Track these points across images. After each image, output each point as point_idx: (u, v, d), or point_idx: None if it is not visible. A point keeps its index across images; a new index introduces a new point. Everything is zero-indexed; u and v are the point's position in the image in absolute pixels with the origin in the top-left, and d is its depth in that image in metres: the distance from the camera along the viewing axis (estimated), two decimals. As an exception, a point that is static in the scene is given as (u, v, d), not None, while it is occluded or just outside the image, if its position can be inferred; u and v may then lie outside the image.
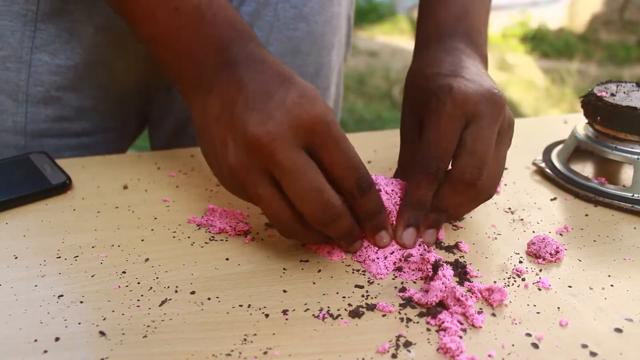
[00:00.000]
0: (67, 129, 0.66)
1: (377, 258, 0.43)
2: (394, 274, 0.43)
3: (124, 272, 0.42)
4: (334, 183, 0.41)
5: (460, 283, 0.41)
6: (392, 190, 0.46)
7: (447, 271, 0.41)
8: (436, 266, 0.41)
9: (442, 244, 0.47)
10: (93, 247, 0.45)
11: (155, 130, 0.77)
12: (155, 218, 0.49)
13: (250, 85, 0.42)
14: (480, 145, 0.44)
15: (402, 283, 0.42)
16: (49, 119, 0.64)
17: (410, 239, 0.45)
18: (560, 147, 0.62)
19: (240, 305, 0.39)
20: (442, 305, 0.39)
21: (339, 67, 0.79)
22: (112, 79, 0.66)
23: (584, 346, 0.36)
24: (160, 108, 0.74)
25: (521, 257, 0.45)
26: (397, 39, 3.78)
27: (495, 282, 0.42)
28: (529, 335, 0.37)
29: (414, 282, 0.42)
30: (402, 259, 0.43)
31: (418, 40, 0.58)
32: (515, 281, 0.42)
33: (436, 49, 0.53)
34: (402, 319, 0.38)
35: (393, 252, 0.44)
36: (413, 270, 0.43)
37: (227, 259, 0.44)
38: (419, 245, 0.45)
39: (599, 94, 0.56)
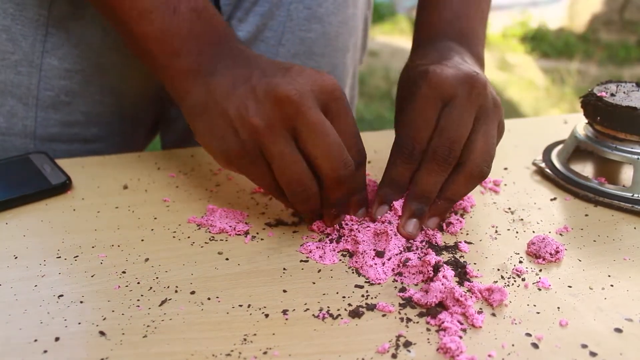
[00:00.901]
0: (77, 134, 0.66)
1: (375, 264, 0.43)
2: (394, 278, 0.42)
3: (124, 272, 0.42)
4: None
5: (460, 283, 0.41)
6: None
7: (448, 272, 0.41)
8: (437, 267, 0.41)
9: (442, 244, 0.46)
10: (93, 247, 0.45)
11: (166, 131, 0.77)
12: (155, 218, 0.49)
13: (261, 63, 0.46)
14: (452, 124, 0.46)
15: (402, 283, 0.42)
16: (58, 124, 0.64)
17: (382, 214, 0.47)
18: (560, 147, 0.62)
19: (240, 305, 0.39)
20: (442, 305, 0.39)
21: (354, 69, 0.78)
22: (121, 84, 0.66)
23: (584, 346, 0.36)
24: (172, 109, 0.74)
25: (521, 257, 0.45)
26: (397, 39, 3.78)
27: (495, 282, 0.42)
28: (529, 335, 0.37)
29: (415, 285, 0.42)
30: (401, 264, 0.43)
31: (413, 43, 0.60)
32: (515, 281, 0.42)
33: (428, 48, 0.55)
34: (402, 319, 0.38)
35: (390, 257, 0.44)
36: (414, 274, 0.42)
37: (227, 259, 0.44)
38: (416, 248, 0.45)
39: (599, 94, 0.56)
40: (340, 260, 0.44)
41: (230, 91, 0.44)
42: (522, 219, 0.51)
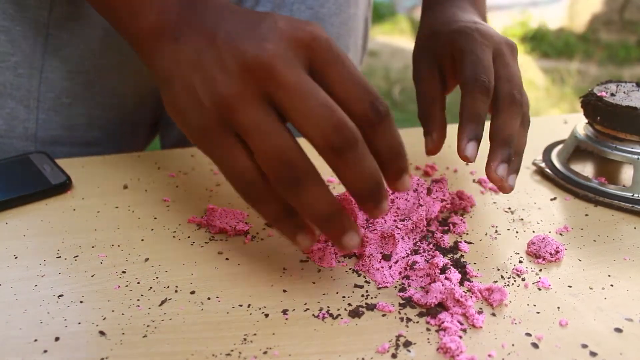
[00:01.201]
0: (78, 137, 0.66)
1: (382, 267, 0.43)
2: (401, 282, 0.42)
3: (124, 272, 0.42)
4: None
5: (460, 283, 0.41)
6: None
7: (454, 275, 0.41)
8: (444, 270, 0.41)
9: (448, 246, 0.46)
10: (93, 247, 0.45)
11: (166, 131, 0.77)
12: (155, 218, 0.50)
13: (226, 24, 0.38)
14: (513, 72, 0.50)
15: (402, 283, 0.42)
16: (59, 126, 0.64)
17: (472, 152, 0.47)
18: (560, 147, 0.62)
19: (240, 305, 0.39)
20: (441, 306, 0.39)
21: None
22: (122, 85, 0.66)
23: (584, 346, 0.36)
24: None
25: (521, 257, 0.45)
26: (397, 39, 3.78)
27: (495, 282, 0.42)
28: (528, 335, 0.37)
29: (422, 288, 0.42)
30: (408, 267, 0.43)
31: (426, 4, 0.63)
32: (515, 281, 0.42)
33: (450, 6, 0.58)
34: (402, 319, 0.38)
35: (397, 261, 0.43)
36: (421, 277, 0.42)
37: (227, 259, 0.44)
38: (423, 251, 0.45)
39: (599, 94, 0.56)
40: (340, 261, 0.44)
41: (195, 60, 0.38)
42: (522, 219, 0.51)
